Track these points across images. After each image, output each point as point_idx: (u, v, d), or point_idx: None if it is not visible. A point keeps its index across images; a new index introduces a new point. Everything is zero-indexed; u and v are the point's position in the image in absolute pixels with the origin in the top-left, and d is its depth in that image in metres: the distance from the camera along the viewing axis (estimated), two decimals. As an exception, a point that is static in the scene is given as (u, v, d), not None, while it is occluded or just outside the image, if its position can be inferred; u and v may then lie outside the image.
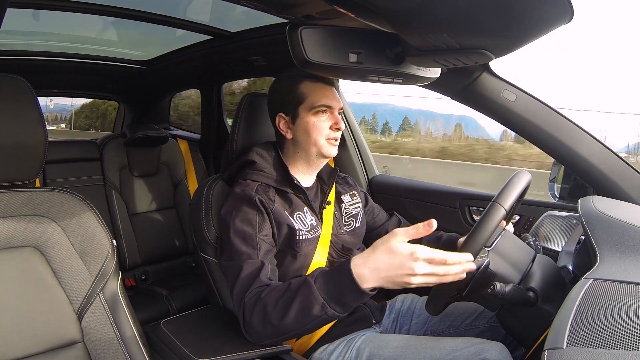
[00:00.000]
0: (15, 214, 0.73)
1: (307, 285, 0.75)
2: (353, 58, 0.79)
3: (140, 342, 0.79)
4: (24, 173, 0.74)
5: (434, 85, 1.02)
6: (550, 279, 0.82)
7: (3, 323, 0.69)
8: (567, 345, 0.51)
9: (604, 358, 0.49)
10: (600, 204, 0.86)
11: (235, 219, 0.88)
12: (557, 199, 1.16)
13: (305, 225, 0.94)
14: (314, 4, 0.84)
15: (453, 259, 0.68)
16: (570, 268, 0.87)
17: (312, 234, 0.94)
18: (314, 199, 1.01)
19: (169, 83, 2.20)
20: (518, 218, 1.21)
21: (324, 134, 0.95)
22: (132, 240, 1.74)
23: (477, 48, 0.65)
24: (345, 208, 1.06)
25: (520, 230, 1.19)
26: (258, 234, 0.87)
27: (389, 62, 0.82)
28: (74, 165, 1.71)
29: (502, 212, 0.74)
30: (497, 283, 0.77)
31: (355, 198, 1.11)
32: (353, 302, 0.74)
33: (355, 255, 0.74)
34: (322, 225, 0.98)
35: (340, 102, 0.98)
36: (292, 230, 0.92)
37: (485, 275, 0.78)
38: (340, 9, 0.70)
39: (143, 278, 1.77)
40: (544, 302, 0.79)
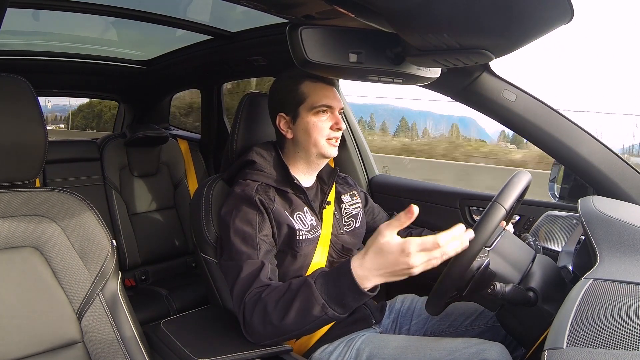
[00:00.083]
0: (15, 214, 0.73)
1: (307, 286, 0.75)
2: (353, 58, 0.79)
3: (140, 342, 0.79)
4: (24, 173, 0.74)
5: (434, 85, 1.02)
6: (550, 279, 0.82)
7: (3, 323, 0.68)
8: (567, 345, 0.51)
9: (604, 358, 0.49)
10: (600, 204, 0.86)
11: (235, 219, 0.88)
12: (557, 199, 1.16)
13: (305, 225, 0.94)
14: (314, 4, 0.84)
15: (445, 239, 0.67)
16: (570, 268, 0.87)
17: (312, 234, 0.94)
18: (314, 199, 1.01)
19: (169, 83, 2.20)
20: (518, 218, 1.21)
21: (325, 134, 0.95)
22: (132, 240, 1.74)
23: (477, 48, 0.65)
24: (345, 208, 1.06)
25: (520, 230, 1.19)
26: (258, 234, 0.87)
27: (389, 62, 0.82)
28: (74, 165, 1.71)
29: (502, 212, 0.74)
30: (497, 283, 0.77)
31: (355, 198, 1.11)
32: (353, 302, 0.74)
33: (355, 256, 0.74)
34: (322, 225, 0.98)
35: (341, 102, 0.98)
36: (292, 230, 0.92)
37: (485, 275, 0.78)
38: (340, 9, 0.70)
39: (143, 278, 1.77)
40: (544, 302, 0.79)
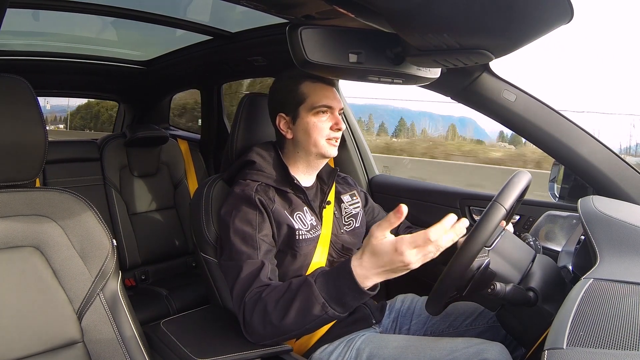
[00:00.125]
0: (15, 214, 0.73)
1: (307, 285, 0.75)
2: (353, 58, 0.79)
3: (140, 342, 0.79)
4: (24, 173, 0.74)
5: (434, 86, 1.02)
6: (550, 279, 0.82)
7: (3, 323, 0.69)
8: (567, 345, 0.51)
9: (604, 358, 0.49)
10: (600, 204, 0.86)
11: (235, 219, 0.88)
12: (557, 199, 1.16)
13: (305, 225, 0.94)
14: (314, 4, 0.84)
15: (435, 233, 0.66)
16: (570, 268, 0.87)
17: (311, 234, 0.94)
18: (314, 199, 1.01)
19: (169, 83, 2.20)
20: (518, 218, 1.21)
21: (324, 134, 0.95)
22: (132, 240, 1.74)
23: (477, 48, 0.65)
24: (345, 208, 1.06)
25: (520, 230, 1.19)
26: (258, 234, 0.87)
27: (389, 62, 0.82)
28: (74, 165, 1.71)
29: (502, 211, 0.74)
30: (497, 283, 0.77)
31: (355, 198, 1.11)
32: (353, 301, 0.74)
33: (353, 255, 0.74)
34: (321, 225, 0.98)
35: (341, 102, 0.98)
36: (291, 230, 0.92)
37: (485, 275, 0.78)
38: (340, 9, 0.70)
39: (143, 278, 1.77)
40: (544, 302, 0.79)
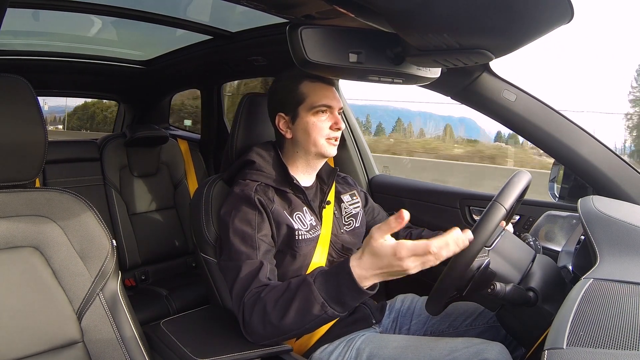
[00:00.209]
0: (15, 214, 0.73)
1: (306, 285, 0.75)
2: (353, 58, 0.79)
3: (140, 342, 0.79)
4: (24, 173, 0.74)
5: (434, 85, 1.02)
6: (550, 279, 0.82)
7: (3, 323, 0.68)
8: (567, 345, 0.51)
9: (604, 358, 0.49)
10: (600, 204, 0.86)
11: (235, 219, 0.88)
12: (557, 199, 1.16)
13: (305, 225, 0.94)
14: (314, 4, 0.84)
15: (437, 245, 0.65)
16: (570, 268, 0.87)
17: (311, 234, 0.94)
18: (314, 199, 1.01)
19: (169, 83, 2.20)
20: (518, 218, 1.21)
21: (324, 134, 0.95)
22: (132, 240, 1.74)
23: (477, 48, 0.65)
24: (345, 208, 1.06)
25: (520, 230, 1.19)
26: (257, 234, 0.87)
27: (389, 62, 0.82)
28: (74, 165, 1.71)
29: (502, 211, 0.74)
30: (497, 283, 0.77)
31: (355, 198, 1.11)
32: (352, 301, 0.74)
33: (352, 255, 0.74)
34: (321, 225, 0.98)
35: (340, 102, 0.98)
36: (291, 230, 0.92)
37: (485, 275, 0.78)
38: (340, 9, 0.70)
39: (143, 278, 1.77)
40: (544, 302, 0.79)
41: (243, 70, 1.76)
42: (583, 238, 0.91)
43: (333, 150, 0.97)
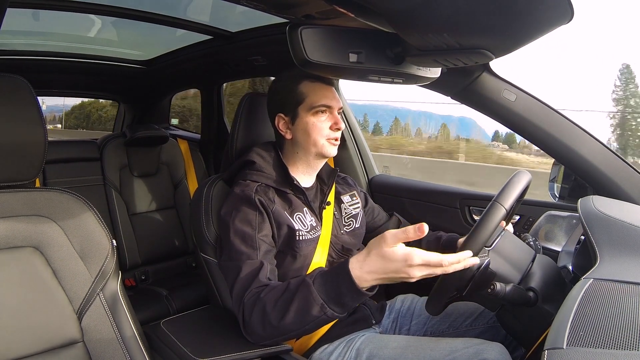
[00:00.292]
0: (15, 214, 0.73)
1: (305, 286, 0.75)
2: (353, 58, 0.79)
3: (140, 342, 0.79)
4: (24, 173, 0.74)
5: (434, 85, 1.02)
6: (550, 279, 0.82)
7: (3, 323, 0.68)
8: (567, 345, 0.51)
9: (604, 358, 0.49)
10: (600, 204, 0.86)
11: (235, 219, 0.88)
12: (557, 199, 1.16)
13: (305, 226, 0.94)
14: (314, 4, 0.84)
15: (450, 261, 0.68)
16: (570, 268, 0.87)
17: (311, 235, 0.94)
18: (314, 200, 1.01)
19: (169, 83, 2.20)
20: (518, 218, 1.21)
21: (324, 134, 0.95)
22: (132, 240, 1.74)
23: (477, 48, 0.65)
24: (345, 208, 1.06)
25: (520, 230, 1.19)
26: (257, 235, 0.87)
27: (389, 62, 0.82)
28: (74, 165, 1.71)
29: (502, 211, 0.74)
30: (497, 283, 0.77)
31: (355, 198, 1.11)
32: (352, 302, 0.74)
33: (355, 256, 0.74)
34: (321, 226, 0.98)
35: (340, 101, 0.98)
36: (291, 231, 0.92)
37: (485, 275, 0.78)
38: (340, 9, 0.70)
39: (143, 278, 1.77)
40: (544, 302, 0.79)
41: (243, 70, 1.76)
42: (583, 238, 0.91)
43: (333, 151, 0.97)
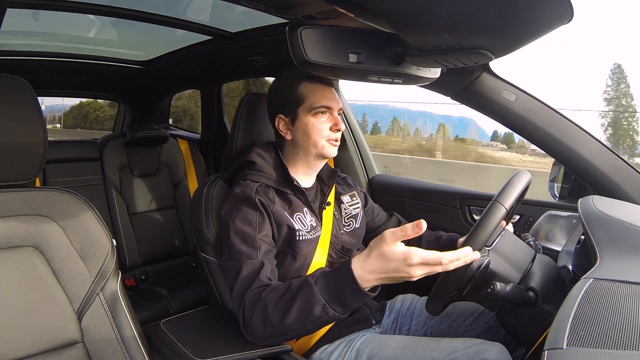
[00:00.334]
0: (15, 214, 0.73)
1: (308, 286, 0.75)
2: (353, 58, 0.79)
3: (140, 342, 0.79)
4: (24, 173, 0.74)
5: (434, 85, 1.02)
6: (550, 279, 0.82)
7: (3, 323, 0.68)
8: (567, 345, 0.51)
9: (604, 358, 0.49)
10: (600, 204, 0.86)
11: (235, 219, 0.88)
12: (557, 199, 1.16)
13: (305, 226, 0.94)
14: (314, 4, 0.84)
15: (449, 258, 0.68)
16: (570, 268, 0.87)
17: (311, 235, 0.94)
18: (314, 200, 1.01)
19: (169, 83, 2.20)
20: (518, 218, 1.21)
21: (324, 135, 0.95)
22: (132, 240, 1.74)
23: (477, 48, 0.65)
24: (345, 209, 1.06)
25: (520, 230, 1.19)
26: (258, 235, 0.87)
27: (389, 62, 0.82)
28: (74, 165, 1.71)
29: (502, 211, 0.74)
30: (497, 283, 0.77)
31: (355, 198, 1.11)
32: (354, 302, 0.74)
33: (356, 256, 0.74)
34: (321, 226, 0.98)
35: (340, 102, 0.98)
36: (291, 231, 0.92)
37: (485, 275, 0.78)
38: (340, 9, 0.70)
39: (143, 278, 1.77)
40: (544, 302, 0.79)
41: (243, 71, 1.76)
42: (583, 238, 0.91)
43: (333, 151, 0.97)
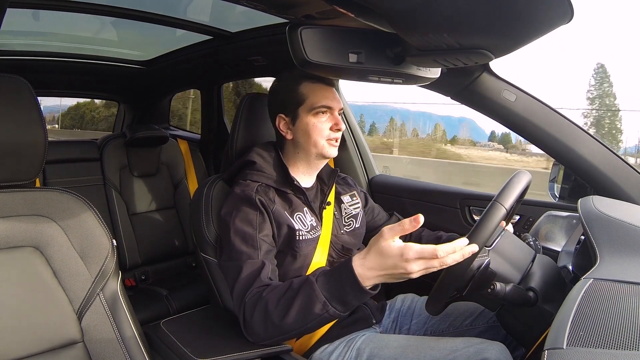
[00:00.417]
0: (15, 214, 0.73)
1: (308, 284, 0.75)
2: (353, 58, 0.79)
3: (140, 342, 0.79)
4: (24, 173, 0.74)
5: (434, 85, 1.02)
6: (550, 279, 0.82)
7: (3, 323, 0.68)
8: (567, 345, 0.51)
9: (604, 358, 0.49)
10: (600, 204, 0.86)
11: (236, 219, 0.88)
12: (557, 199, 1.16)
13: (305, 226, 0.94)
14: (314, 4, 0.84)
15: (445, 250, 0.67)
16: (570, 268, 0.87)
17: (312, 235, 0.94)
18: (314, 200, 1.01)
19: (169, 83, 2.20)
20: (518, 218, 1.21)
21: (324, 135, 0.95)
22: (132, 240, 1.74)
23: (477, 48, 0.65)
24: (345, 208, 1.06)
25: (520, 230, 1.19)
26: (258, 234, 0.87)
27: (389, 62, 0.82)
28: (74, 165, 1.71)
29: (502, 211, 0.74)
30: (497, 283, 0.77)
31: (355, 198, 1.11)
32: (355, 300, 0.74)
33: (356, 255, 0.74)
34: (321, 226, 0.98)
35: (340, 102, 0.98)
36: (292, 231, 0.92)
37: (485, 275, 0.78)
38: (340, 9, 0.70)
39: (143, 278, 1.77)
40: (544, 302, 0.79)
41: (243, 71, 1.75)
42: (583, 238, 0.91)
43: (334, 151, 0.97)
